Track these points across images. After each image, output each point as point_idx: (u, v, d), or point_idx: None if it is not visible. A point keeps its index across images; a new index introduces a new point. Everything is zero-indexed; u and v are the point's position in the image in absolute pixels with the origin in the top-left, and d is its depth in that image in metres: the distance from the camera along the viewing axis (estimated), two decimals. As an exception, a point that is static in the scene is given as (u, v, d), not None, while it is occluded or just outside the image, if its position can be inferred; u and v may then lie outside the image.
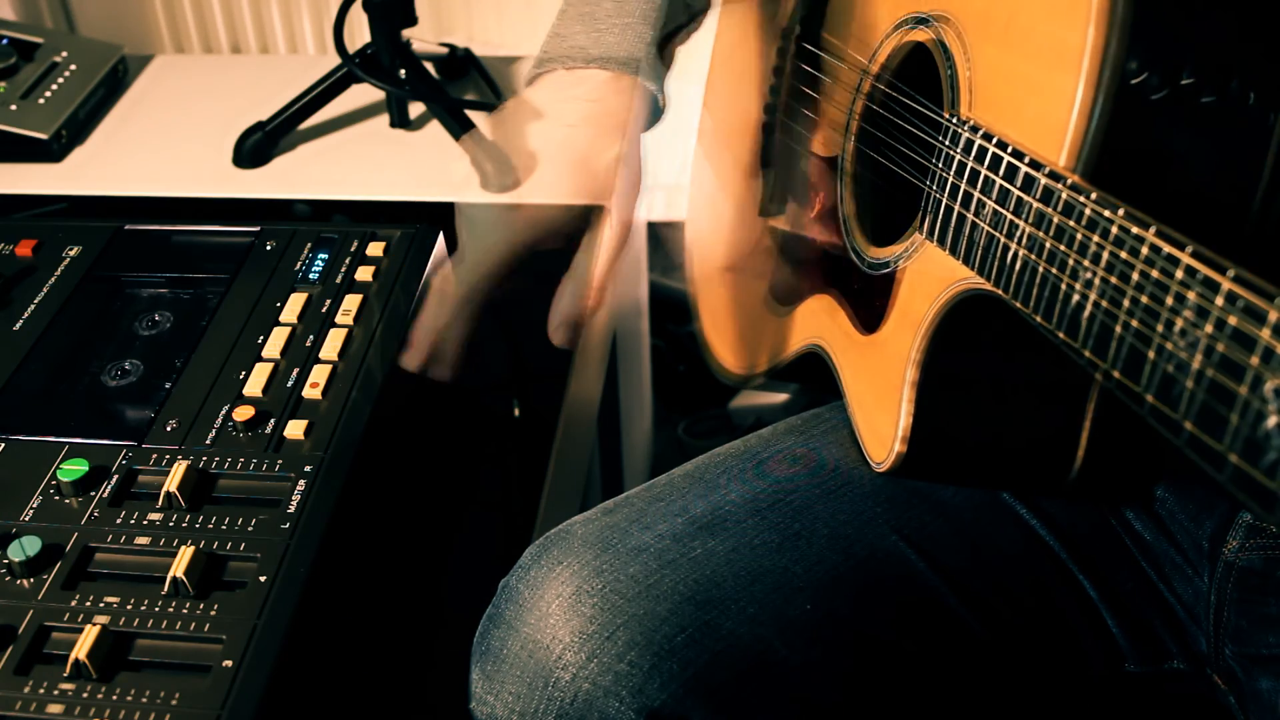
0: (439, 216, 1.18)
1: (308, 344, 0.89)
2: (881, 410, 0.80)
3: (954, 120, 0.74)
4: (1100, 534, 0.85)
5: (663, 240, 2.29)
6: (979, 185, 0.71)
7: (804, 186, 0.98)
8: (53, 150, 1.31)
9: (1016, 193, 0.67)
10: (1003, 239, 0.68)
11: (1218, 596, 0.78)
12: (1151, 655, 0.83)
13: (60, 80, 1.36)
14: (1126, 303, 0.59)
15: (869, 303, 0.84)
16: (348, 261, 0.97)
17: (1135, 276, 0.58)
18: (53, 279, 0.96)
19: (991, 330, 0.75)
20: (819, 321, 0.92)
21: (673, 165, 2.55)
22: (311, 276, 0.96)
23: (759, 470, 0.85)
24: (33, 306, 0.93)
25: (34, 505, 0.78)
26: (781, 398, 1.99)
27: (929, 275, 0.77)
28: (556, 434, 1.03)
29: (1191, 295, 0.54)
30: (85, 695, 0.67)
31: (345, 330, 0.90)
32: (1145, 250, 0.57)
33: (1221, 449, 0.53)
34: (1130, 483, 0.84)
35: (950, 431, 0.79)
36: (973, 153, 0.71)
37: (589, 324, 0.84)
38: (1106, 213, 0.60)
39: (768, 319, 1.01)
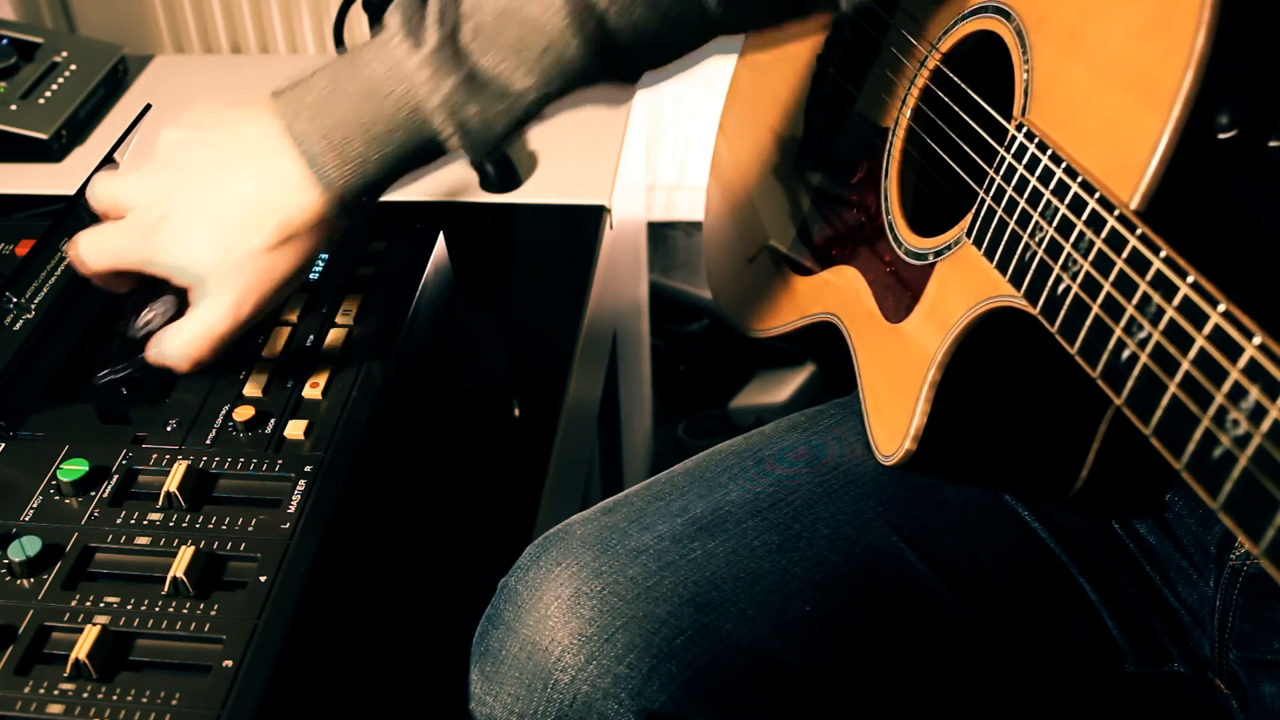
0: (439, 216, 1.18)
1: (308, 344, 0.89)
2: (896, 403, 0.80)
3: (1021, 130, 0.71)
4: (1102, 537, 0.84)
5: (662, 240, 2.29)
6: (1039, 207, 0.68)
7: (850, 149, 0.95)
8: (53, 150, 1.31)
9: (1080, 226, 0.64)
10: (1057, 269, 0.65)
11: (1223, 601, 0.78)
12: (1152, 658, 0.83)
13: (60, 80, 1.36)
14: (1179, 375, 0.56)
15: (898, 289, 0.82)
16: (348, 262, 0.97)
17: (1194, 352, 0.55)
18: (53, 279, 0.96)
19: (1020, 346, 0.73)
20: (841, 294, 0.90)
21: (673, 166, 2.54)
22: (311, 276, 0.96)
23: (760, 468, 0.85)
24: (33, 306, 0.93)
25: (34, 505, 0.78)
26: (782, 397, 1.99)
27: (967, 279, 0.75)
28: (556, 434, 1.03)
29: (1252, 390, 0.52)
30: (85, 695, 0.67)
31: (345, 330, 0.90)
32: (1209, 328, 0.55)
33: (1256, 551, 0.51)
34: (1133, 496, 0.84)
35: (961, 436, 0.79)
36: (1037, 171, 0.68)
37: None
38: (1175, 276, 0.57)
39: (785, 277, 0.99)
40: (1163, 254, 0.58)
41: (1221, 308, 0.54)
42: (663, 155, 2.29)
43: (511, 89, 0.74)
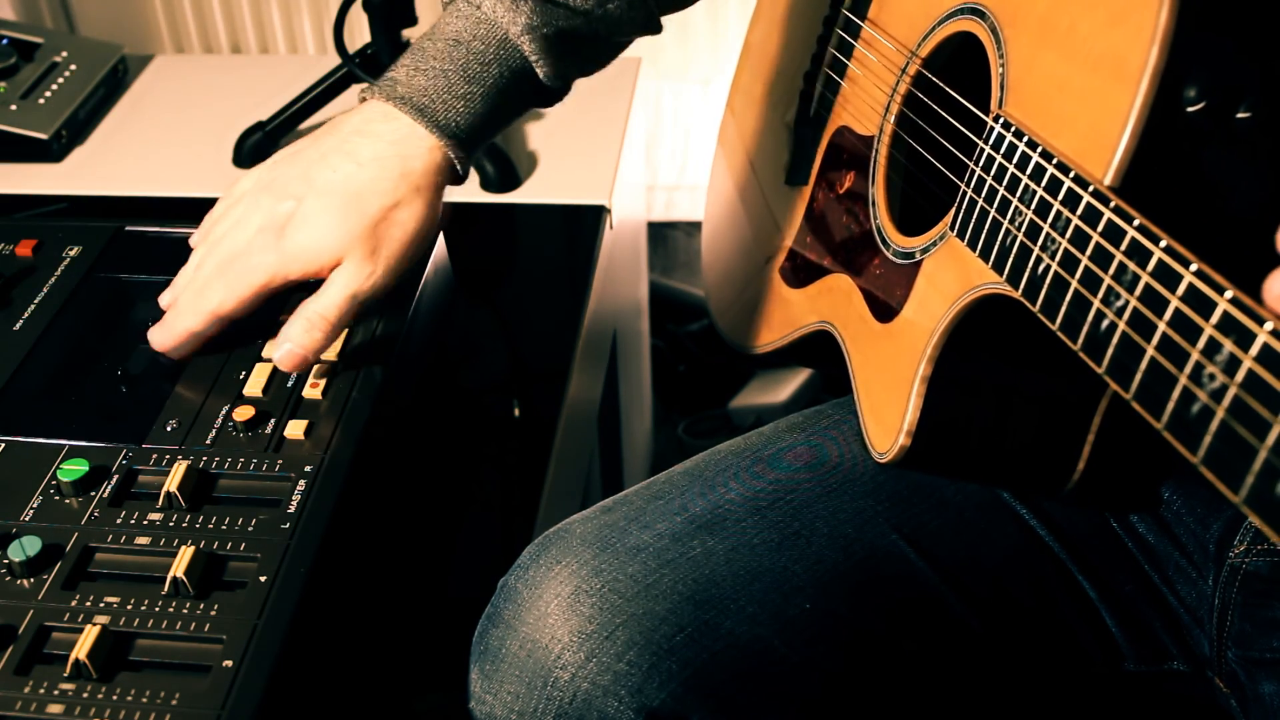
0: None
1: (308, 344, 0.89)
2: (889, 400, 0.80)
3: (999, 121, 0.73)
4: (1101, 535, 0.85)
5: (662, 240, 2.29)
6: (1018, 192, 0.70)
7: (837, 161, 0.96)
8: (53, 150, 1.31)
9: (1057, 206, 0.66)
10: (1036, 250, 0.67)
11: (1222, 600, 0.78)
12: (1151, 656, 0.83)
13: (60, 80, 1.36)
14: (1156, 337, 0.57)
15: (888, 290, 0.84)
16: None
17: (1169, 313, 0.57)
18: (53, 279, 0.96)
19: (1009, 334, 0.75)
20: (833, 301, 0.91)
21: (673, 166, 2.54)
22: (311, 276, 0.96)
23: (759, 468, 0.85)
24: (33, 306, 0.93)
25: (34, 505, 0.78)
26: (782, 398, 1.99)
27: (953, 272, 0.76)
28: (556, 434, 1.03)
29: (1225, 343, 0.53)
30: (85, 695, 0.67)
31: (345, 330, 0.90)
32: (1183, 288, 0.56)
33: (1236, 500, 0.52)
34: (1131, 491, 0.84)
35: (955, 429, 0.79)
36: (1014, 158, 0.70)
37: (312, 360, 0.84)
38: (1148, 243, 0.59)
39: (780, 291, 1.00)
40: (1136, 223, 0.60)
41: (1194, 267, 0.56)
42: (663, 155, 2.29)
43: (578, 5, 0.87)
